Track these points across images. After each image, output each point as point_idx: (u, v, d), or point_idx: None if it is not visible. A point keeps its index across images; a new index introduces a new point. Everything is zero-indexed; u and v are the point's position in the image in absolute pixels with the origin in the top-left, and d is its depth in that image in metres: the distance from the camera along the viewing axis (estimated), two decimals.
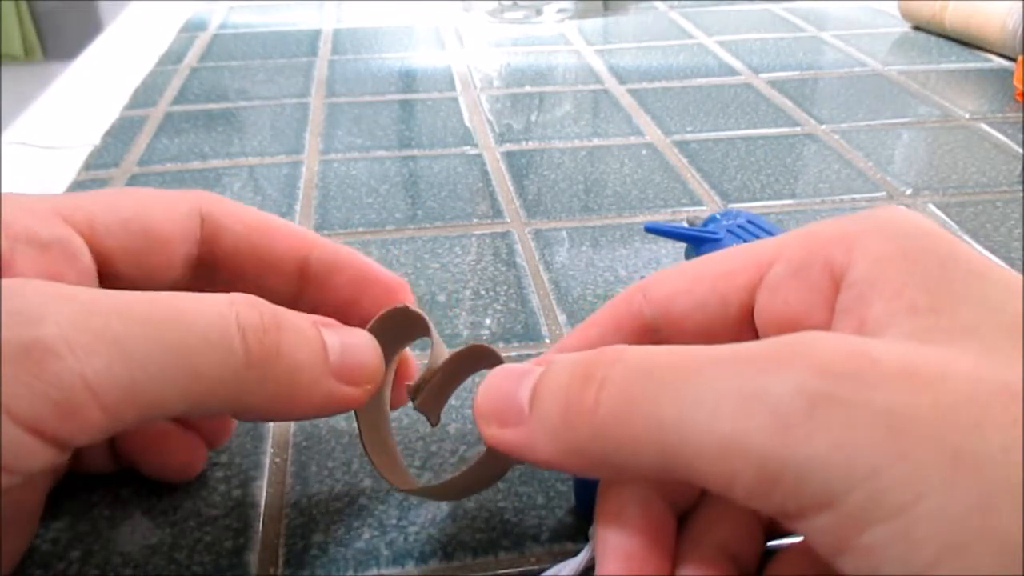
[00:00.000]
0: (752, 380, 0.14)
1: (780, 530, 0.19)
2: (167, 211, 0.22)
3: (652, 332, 0.20)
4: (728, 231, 0.30)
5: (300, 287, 0.23)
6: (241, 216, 0.23)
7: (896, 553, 0.13)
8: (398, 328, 0.23)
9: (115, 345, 0.15)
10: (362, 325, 0.21)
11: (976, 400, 0.13)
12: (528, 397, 0.17)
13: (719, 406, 0.14)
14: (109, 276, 0.21)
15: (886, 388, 0.14)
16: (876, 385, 0.14)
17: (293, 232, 0.23)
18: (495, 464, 0.21)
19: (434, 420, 0.22)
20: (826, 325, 0.17)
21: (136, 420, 0.16)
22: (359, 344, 0.20)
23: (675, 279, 0.20)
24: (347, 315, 0.23)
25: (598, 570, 0.17)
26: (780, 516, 0.14)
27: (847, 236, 0.17)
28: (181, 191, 0.23)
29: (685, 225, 0.33)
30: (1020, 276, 0.16)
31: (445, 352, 0.22)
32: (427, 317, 0.22)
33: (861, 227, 0.17)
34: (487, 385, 0.18)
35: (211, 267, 0.23)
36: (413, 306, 0.22)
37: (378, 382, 0.20)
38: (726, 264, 0.20)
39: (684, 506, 0.19)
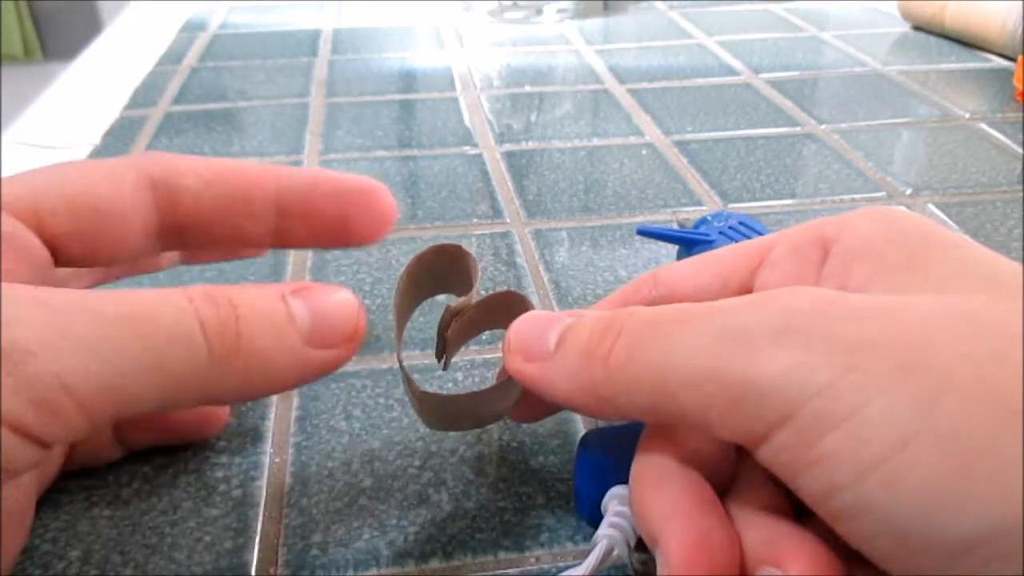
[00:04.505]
0: (730, 321, 0.16)
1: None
2: (114, 184, 0.20)
3: None
4: (720, 233, 0.30)
5: (279, 223, 0.22)
6: (196, 170, 0.21)
7: (846, 456, 0.14)
8: (444, 266, 0.23)
9: (87, 344, 0.15)
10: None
11: (928, 324, 0.15)
12: (555, 341, 0.19)
13: (700, 344, 0.16)
14: (62, 259, 0.20)
15: (843, 320, 0.15)
16: (835, 318, 0.15)
17: (254, 171, 0.22)
18: (502, 397, 0.22)
19: (447, 362, 0.23)
20: None
21: (112, 416, 0.16)
22: (332, 306, 0.19)
23: (683, 267, 0.22)
24: (341, 234, 0.22)
25: (663, 541, 0.16)
26: (749, 442, 0.16)
27: (840, 219, 0.19)
28: (126, 157, 0.21)
29: (676, 227, 0.33)
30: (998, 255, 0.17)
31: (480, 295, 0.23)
32: (476, 262, 0.23)
33: (854, 213, 0.19)
34: (519, 324, 0.20)
35: (178, 230, 0.22)
36: (466, 248, 0.23)
37: (358, 339, 0.19)
38: (731, 252, 0.21)
39: (718, 484, 0.19)
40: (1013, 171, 0.44)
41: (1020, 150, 0.46)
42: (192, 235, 0.22)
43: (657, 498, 0.17)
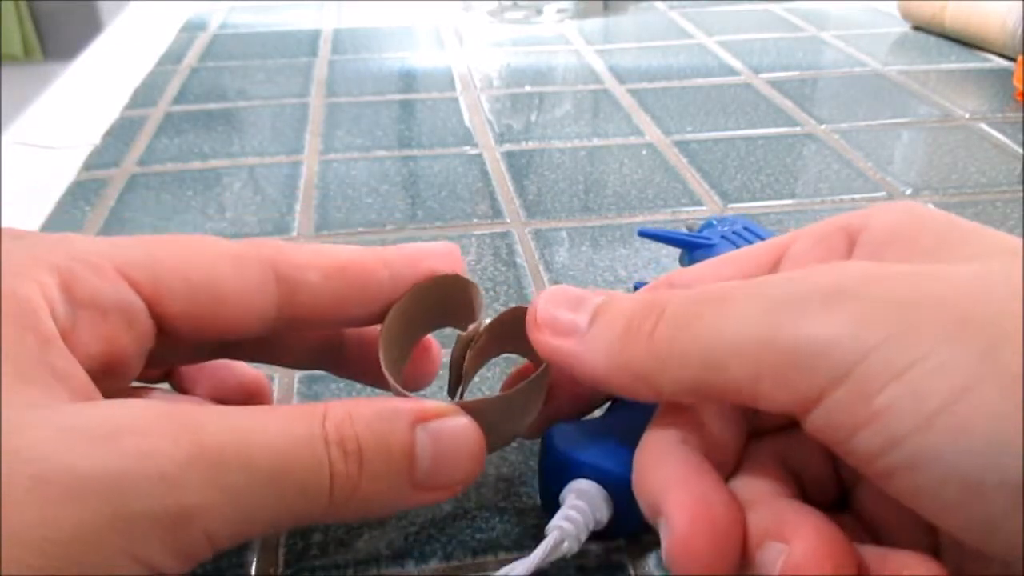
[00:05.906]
0: (779, 291, 0.16)
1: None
2: (240, 277, 0.20)
3: None
4: (723, 237, 0.30)
5: (384, 303, 0.22)
6: (315, 264, 0.21)
7: (906, 406, 0.14)
8: (443, 298, 0.22)
9: (238, 504, 0.16)
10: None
11: (977, 285, 0.15)
12: (587, 318, 0.19)
13: (750, 313, 0.16)
14: (168, 332, 0.20)
15: (893, 283, 0.15)
16: (884, 282, 0.15)
17: (368, 259, 0.22)
18: (524, 404, 0.21)
19: (462, 395, 0.22)
20: None
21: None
22: (456, 443, 0.19)
23: (698, 269, 0.22)
24: None
25: (665, 508, 0.16)
26: (801, 408, 0.15)
27: (862, 213, 0.20)
28: (251, 245, 0.21)
29: (684, 230, 0.32)
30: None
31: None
32: (480, 290, 0.23)
33: (875, 207, 0.20)
34: (546, 298, 0.20)
35: (290, 320, 0.22)
36: (464, 274, 0.22)
37: (471, 481, 0.20)
38: (749, 252, 0.21)
39: (724, 469, 0.19)
40: (1013, 171, 0.44)
41: (1020, 150, 0.46)
42: (301, 324, 0.22)
43: (657, 470, 0.17)
